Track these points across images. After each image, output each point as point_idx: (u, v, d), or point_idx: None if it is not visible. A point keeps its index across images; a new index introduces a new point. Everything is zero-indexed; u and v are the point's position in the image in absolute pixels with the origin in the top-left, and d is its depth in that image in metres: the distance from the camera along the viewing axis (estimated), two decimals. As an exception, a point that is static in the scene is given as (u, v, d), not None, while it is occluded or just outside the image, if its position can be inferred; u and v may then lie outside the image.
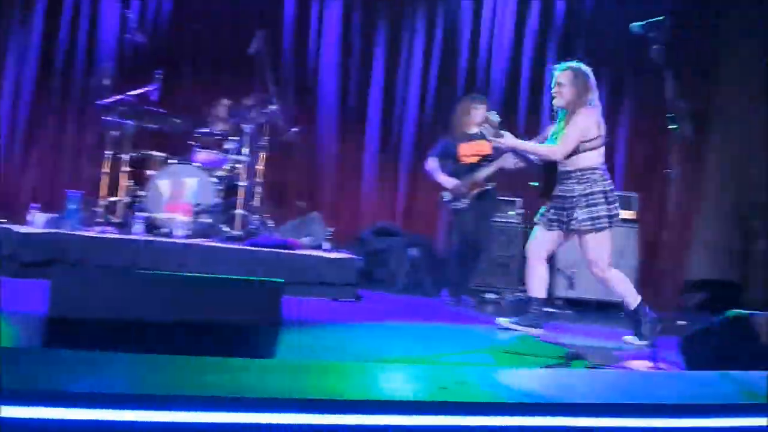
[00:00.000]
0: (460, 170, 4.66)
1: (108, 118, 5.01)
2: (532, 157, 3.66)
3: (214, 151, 5.29)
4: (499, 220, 5.21)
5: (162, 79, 5.16)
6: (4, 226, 4.23)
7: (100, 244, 4.22)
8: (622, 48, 5.99)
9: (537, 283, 3.56)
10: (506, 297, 5.30)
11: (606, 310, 5.19)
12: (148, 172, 5.05)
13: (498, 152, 4.60)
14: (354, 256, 4.66)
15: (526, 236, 5.61)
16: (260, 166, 5.48)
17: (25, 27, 5.82)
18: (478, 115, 4.64)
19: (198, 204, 4.95)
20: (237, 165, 5.33)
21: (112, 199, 5.02)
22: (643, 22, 2.93)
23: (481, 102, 4.71)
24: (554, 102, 3.49)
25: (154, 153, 5.19)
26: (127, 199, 5.02)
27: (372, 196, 6.42)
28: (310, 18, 6.39)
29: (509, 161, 4.51)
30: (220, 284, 2.00)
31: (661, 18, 2.85)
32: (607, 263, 3.40)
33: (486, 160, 4.61)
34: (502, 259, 5.38)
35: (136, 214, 4.73)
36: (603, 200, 3.32)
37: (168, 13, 6.10)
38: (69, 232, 4.29)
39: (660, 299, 3.35)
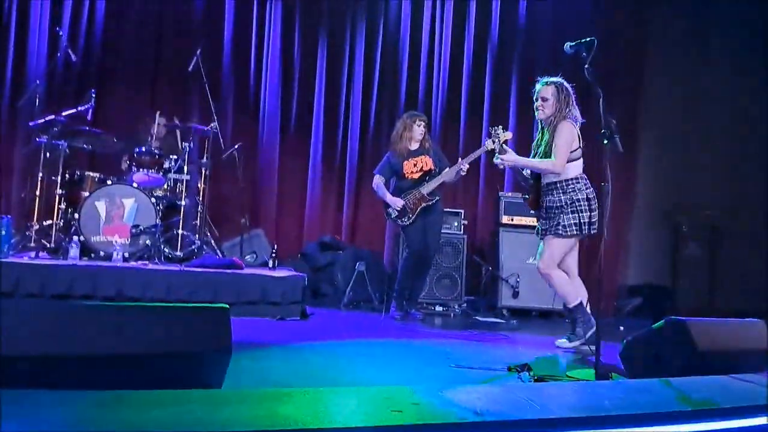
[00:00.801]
0: (404, 185, 4.72)
1: (40, 139, 4.82)
2: (526, 172, 3.81)
3: (152, 171, 5.15)
4: (445, 231, 5.28)
5: (96, 98, 5.01)
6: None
7: (34, 271, 4.05)
8: (556, 66, 6.23)
9: (566, 292, 3.65)
10: (454, 308, 5.37)
11: (549, 318, 5.34)
12: (84, 193, 4.88)
13: (440, 166, 4.71)
14: (299, 274, 4.63)
15: (471, 247, 5.74)
16: (201, 185, 5.40)
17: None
18: (419, 131, 4.73)
19: (136, 225, 4.82)
20: (178, 184, 5.23)
21: (46, 222, 4.82)
22: (574, 43, 3.06)
23: (420, 119, 4.79)
24: (538, 115, 3.71)
25: (90, 174, 5.02)
26: (61, 223, 4.83)
27: (315, 211, 6.41)
28: (250, 34, 6.34)
29: (451, 175, 4.61)
30: (163, 312, 1.94)
31: (590, 39, 2.97)
32: (554, 262, 3.62)
33: (429, 174, 4.69)
34: (448, 271, 5.44)
35: (72, 237, 4.55)
36: (586, 207, 3.56)
37: (101, 30, 5.91)
38: (-1, 259, 4.09)
39: (597, 305, 3.48)
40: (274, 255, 4.96)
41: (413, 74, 6.54)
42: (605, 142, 2.81)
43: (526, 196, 3.83)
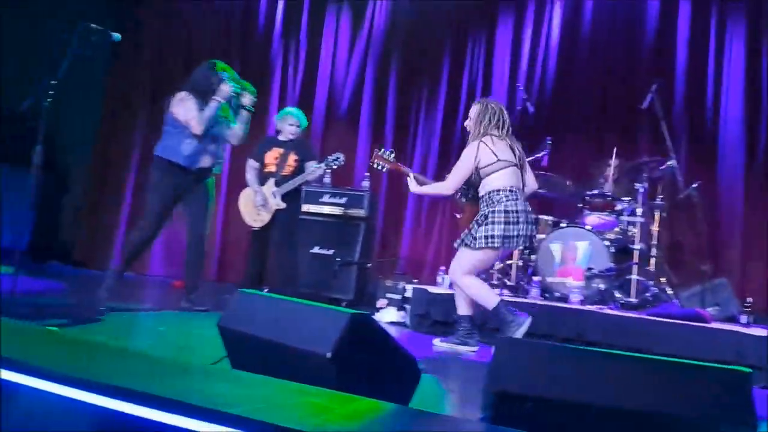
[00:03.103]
0: None
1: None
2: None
3: (605, 213, 5.10)
4: None
5: (551, 145, 5.25)
6: (419, 286, 4.72)
7: (501, 307, 4.38)
8: None
9: (461, 302, 3.72)
10: None
11: None
12: (540, 236, 5.12)
13: None
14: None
15: None
16: (656, 227, 5.10)
17: (431, 108, 6.62)
18: None
19: (590, 268, 4.80)
20: (630, 227, 5.05)
21: (508, 262, 5.22)
22: None
23: None
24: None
25: (544, 217, 5.26)
26: (520, 263, 5.17)
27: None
28: (706, 66, 5.80)
29: None
30: (673, 368, 1.76)
31: None
32: (464, 272, 3.61)
33: None
34: None
35: (531, 278, 4.81)
36: (502, 220, 3.49)
37: (553, 81, 6.23)
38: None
39: None
40: (747, 309, 4.30)
41: None
42: None
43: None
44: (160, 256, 6.73)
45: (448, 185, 3.71)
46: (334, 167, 4.87)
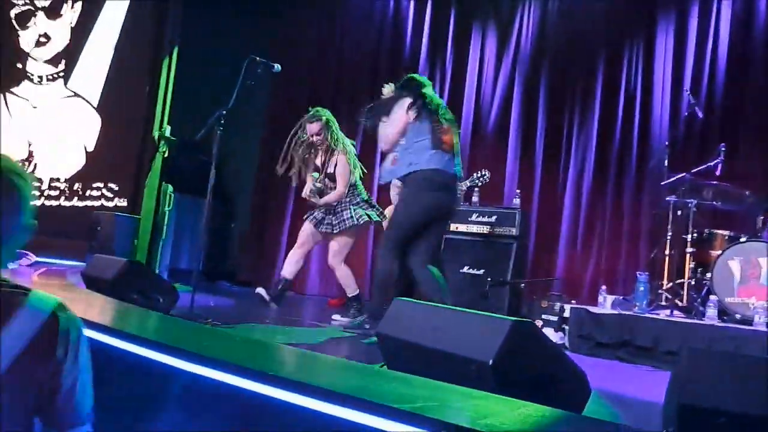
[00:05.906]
0: None
1: (670, 198, 4.88)
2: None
3: (792, 226, 4.52)
4: None
5: (725, 153, 4.78)
6: (578, 306, 4.47)
7: (672, 328, 4.03)
8: None
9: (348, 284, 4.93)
10: None
11: None
12: (714, 252, 4.65)
13: None
14: None
15: None
16: None
17: (585, 121, 6.31)
18: None
19: (776, 287, 4.25)
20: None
21: (677, 281, 4.79)
22: None
23: None
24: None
25: (719, 231, 4.77)
26: (692, 282, 4.71)
27: None
28: None
29: None
30: None
31: None
32: (342, 258, 4.85)
33: None
34: None
35: (708, 297, 4.36)
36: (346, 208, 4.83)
37: (723, 83, 5.67)
38: (639, 315, 4.24)
39: None
40: None
41: None
42: None
43: None
44: (317, 277, 7.03)
45: (342, 190, 4.87)
46: (479, 184, 4.76)
